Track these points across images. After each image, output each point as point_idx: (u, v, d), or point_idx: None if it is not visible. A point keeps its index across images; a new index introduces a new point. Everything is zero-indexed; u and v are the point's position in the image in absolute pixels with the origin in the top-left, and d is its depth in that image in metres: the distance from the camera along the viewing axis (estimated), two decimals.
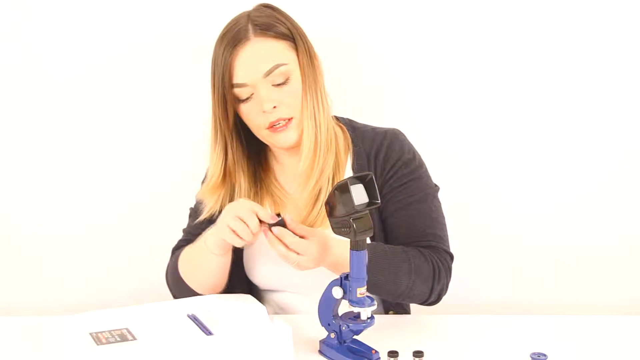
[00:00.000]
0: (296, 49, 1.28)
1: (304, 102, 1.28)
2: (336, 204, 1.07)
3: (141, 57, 1.72)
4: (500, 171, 1.76)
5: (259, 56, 1.25)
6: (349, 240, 1.09)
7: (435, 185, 1.39)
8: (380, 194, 1.33)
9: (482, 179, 1.76)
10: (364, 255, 1.09)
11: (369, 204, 1.08)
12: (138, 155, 1.78)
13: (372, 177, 1.08)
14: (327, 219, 1.12)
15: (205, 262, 1.29)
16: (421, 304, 1.32)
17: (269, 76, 1.25)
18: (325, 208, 1.10)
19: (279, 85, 1.26)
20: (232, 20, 1.29)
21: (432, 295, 1.29)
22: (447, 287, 1.32)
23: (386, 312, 1.41)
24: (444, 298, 1.36)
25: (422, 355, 1.12)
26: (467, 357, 1.17)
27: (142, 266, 1.81)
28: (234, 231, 1.17)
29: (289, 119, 1.28)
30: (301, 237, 1.17)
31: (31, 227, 1.81)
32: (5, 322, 1.40)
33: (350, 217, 1.06)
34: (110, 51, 1.72)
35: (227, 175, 1.33)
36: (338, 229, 1.09)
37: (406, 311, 1.45)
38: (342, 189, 1.06)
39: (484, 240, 1.76)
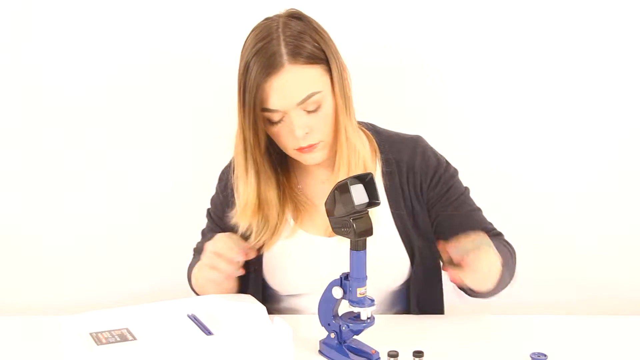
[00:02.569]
0: (330, 71, 1.24)
1: (338, 125, 1.26)
2: (336, 204, 1.07)
3: (147, 62, 1.72)
4: (500, 172, 1.76)
5: (293, 85, 1.21)
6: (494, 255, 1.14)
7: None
8: (428, 202, 1.36)
9: (482, 179, 1.75)
10: (364, 255, 1.09)
11: (369, 204, 1.08)
12: (139, 156, 1.78)
13: (372, 177, 1.08)
14: None
15: (213, 290, 1.30)
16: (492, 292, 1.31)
17: (302, 104, 1.22)
18: (325, 208, 1.09)
19: (310, 112, 1.23)
20: (261, 35, 1.22)
21: (513, 278, 1.33)
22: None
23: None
24: (445, 297, 1.36)
25: (422, 355, 1.12)
26: (467, 357, 1.17)
27: (142, 266, 1.81)
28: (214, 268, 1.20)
29: (317, 143, 1.27)
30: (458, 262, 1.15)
31: (31, 227, 1.81)
32: (5, 322, 1.40)
33: (350, 217, 1.06)
34: (115, 54, 1.72)
35: (262, 200, 1.31)
36: (338, 229, 1.08)
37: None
38: (342, 189, 1.06)
39: None
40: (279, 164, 1.36)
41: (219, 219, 1.41)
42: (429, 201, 1.37)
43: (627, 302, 1.73)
